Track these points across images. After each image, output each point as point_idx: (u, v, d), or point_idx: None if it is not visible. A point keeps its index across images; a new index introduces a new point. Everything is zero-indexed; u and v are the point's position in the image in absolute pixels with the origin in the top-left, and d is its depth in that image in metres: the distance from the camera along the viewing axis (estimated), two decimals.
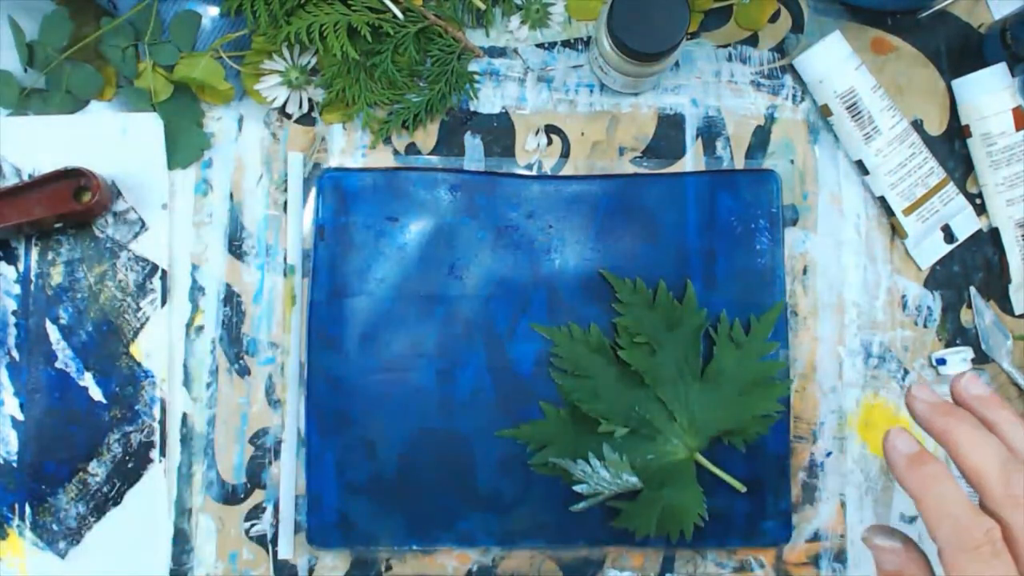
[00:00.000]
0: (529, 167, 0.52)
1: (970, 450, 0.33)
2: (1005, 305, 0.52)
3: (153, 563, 0.49)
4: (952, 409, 0.34)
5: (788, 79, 0.53)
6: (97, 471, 0.49)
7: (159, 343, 0.50)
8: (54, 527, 0.49)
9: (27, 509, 0.49)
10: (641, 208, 0.51)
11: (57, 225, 0.50)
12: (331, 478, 0.49)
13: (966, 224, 0.52)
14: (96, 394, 0.50)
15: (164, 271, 0.50)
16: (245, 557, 0.50)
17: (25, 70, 0.50)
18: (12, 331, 0.50)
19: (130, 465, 0.50)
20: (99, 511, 0.49)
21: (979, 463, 0.32)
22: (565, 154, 0.52)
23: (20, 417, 0.50)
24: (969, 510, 0.31)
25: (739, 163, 0.52)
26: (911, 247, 0.52)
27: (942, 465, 0.33)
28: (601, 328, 0.49)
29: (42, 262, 0.50)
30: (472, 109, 0.52)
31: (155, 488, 0.50)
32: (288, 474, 0.50)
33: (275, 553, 0.50)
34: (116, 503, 0.50)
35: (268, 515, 0.50)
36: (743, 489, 0.48)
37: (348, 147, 0.52)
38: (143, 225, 0.51)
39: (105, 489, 0.50)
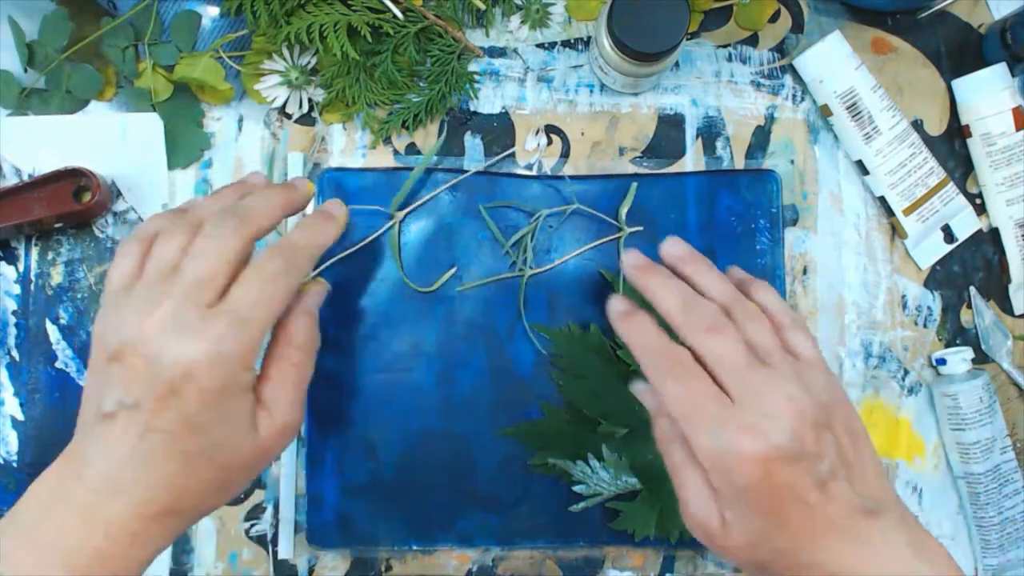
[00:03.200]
0: (529, 167, 0.52)
1: (662, 296, 0.37)
2: (1005, 305, 0.52)
3: (153, 563, 0.49)
4: (651, 268, 0.39)
5: (788, 79, 0.53)
6: None
7: None
8: None
9: None
10: (641, 208, 0.51)
11: (57, 225, 0.50)
12: (331, 478, 0.49)
13: (966, 224, 0.52)
14: None
15: None
16: (245, 557, 0.50)
17: (25, 70, 0.50)
18: (12, 331, 0.50)
19: None
20: None
21: (666, 304, 0.37)
22: (565, 154, 0.52)
23: (20, 417, 0.50)
24: (664, 344, 0.37)
25: (739, 163, 0.52)
26: (911, 247, 0.52)
27: (646, 316, 0.38)
28: (601, 328, 0.49)
29: (42, 262, 0.50)
30: (472, 109, 0.52)
31: None
32: (288, 474, 0.50)
33: (275, 553, 0.50)
34: None
35: (268, 515, 0.50)
36: None
37: (348, 147, 0.52)
38: None
39: None
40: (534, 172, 0.52)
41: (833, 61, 0.50)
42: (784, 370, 0.35)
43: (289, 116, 0.51)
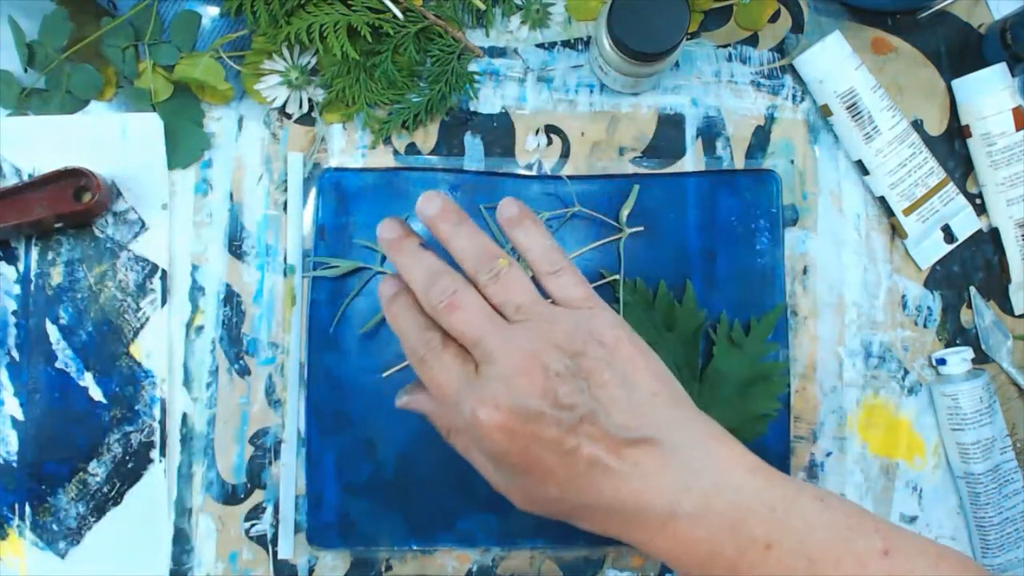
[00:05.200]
0: (529, 167, 0.52)
1: (408, 273, 0.37)
2: (1005, 305, 0.52)
3: (153, 563, 0.49)
4: (400, 241, 0.38)
5: (788, 79, 0.53)
6: (97, 471, 0.49)
7: (159, 343, 0.50)
8: (54, 527, 0.49)
9: (27, 509, 0.49)
10: (641, 208, 0.51)
11: (57, 225, 0.49)
12: (331, 478, 0.49)
13: (966, 224, 0.52)
14: (96, 394, 0.50)
15: (164, 271, 0.50)
16: (245, 557, 0.50)
17: (25, 70, 0.50)
18: (12, 331, 0.50)
19: (130, 465, 0.50)
20: (99, 511, 0.49)
21: (412, 283, 0.36)
22: (565, 154, 0.52)
23: (20, 417, 0.50)
24: (419, 328, 0.36)
25: (739, 163, 0.52)
26: (911, 247, 0.52)
27: (408, 298, 0.37)
28: None
29: (42, 262, 0.50)
30: (472, 109, 0.52)
31: (155, 488, 0.50)
32: (288, 474, 0.50)
33: (275, 553, 0.50)
34: (116, 503, 0.50)
35: (268, 515, 0.50)
36: None
37: (348, 147, 0.52)
38: (143, 225, 0.51)
39: (105, 489, 0.50)
40: (534, 172, 0.52)
41: (833, 61, 0.50)
42: (529, 325, 0.34)
43: (289, 116, 0.51)
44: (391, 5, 0.48)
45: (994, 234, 0.53)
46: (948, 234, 0.52)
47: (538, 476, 0.34)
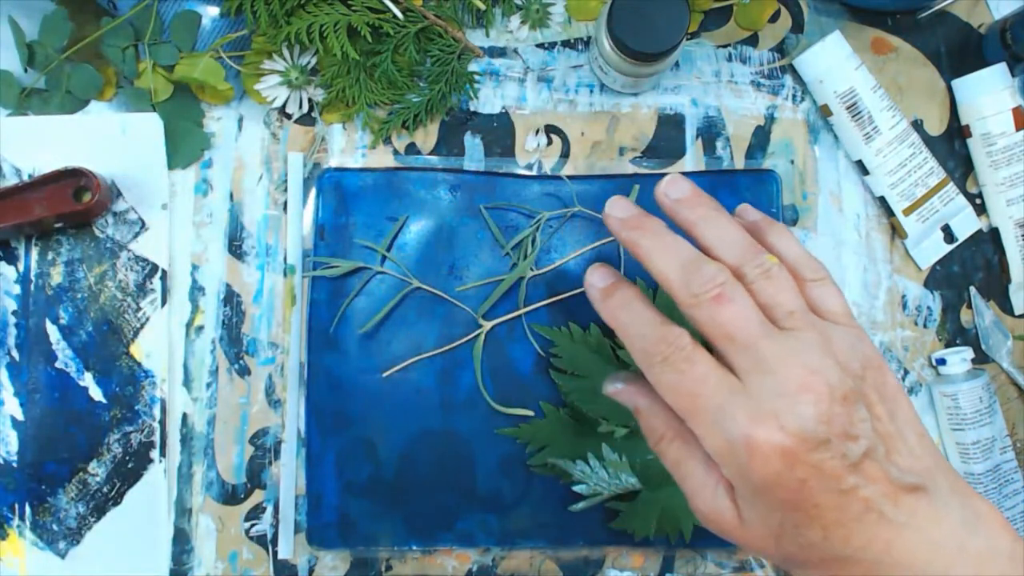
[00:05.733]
0: (529, 167, 0.52)
1: (654, 257, 0.32)
2: (1005, 305, 0.52)
3: (153, 563, 0.49)
4: (641, 220, 0.33)
5: (788, 79, 0.53)
6: (97, 471, 0.50)
7: (159, 343, 0.50)
8: (54, 527, 0.49)
9: (27, 509, 0.49)
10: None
11: (57, 225, 0.50)
12: (331, 478, 0.49)
13: (966, 224, 0.52)
14: (96, 394, 0.50)
15: (164, 271, 0.51)
16: (245, 557, 0.50)
17: (25, 70, 0.50)
18: (12, 331, 0.50)
19: (130, 465, 0.50)
20: (99, 511, 0.49)
21: (661, 269, 0.31)
22: (565, 154, 0.52)
23: (20, 417, 0.50)
24: (656, 325, 0.31)
25: (739, 163, 0.52)
26: (911, 247, 0.52)
27: (632, 289, 0.33)
28: (601, 328, 0.49)
29: (42, 262, 0.50)
30: (472, 109, 0.52)
31: (155, 488, 0.50)
32: (288, 474, 0.50)
33: (275, 553, 0.50)
34: (116, 503, 0.50)
35: (268, 515, 0.50)
36: None
37: (348, 147, 0.52)
38: (143, 225, 0.51)
39: (105, 489, 0.50)
40: (534, 172, 0.52)
41: (833, 61, 0.50)
42: (806, 335, 0.30)
43: (289, 116, 0.51)
44: (391, 5, 0.48)
45: (994, 234, 0.53)
46: (948, 234, 0.52)
47: (803, 515, 0.29)
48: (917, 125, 0.53)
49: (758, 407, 0.28)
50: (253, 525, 0.50)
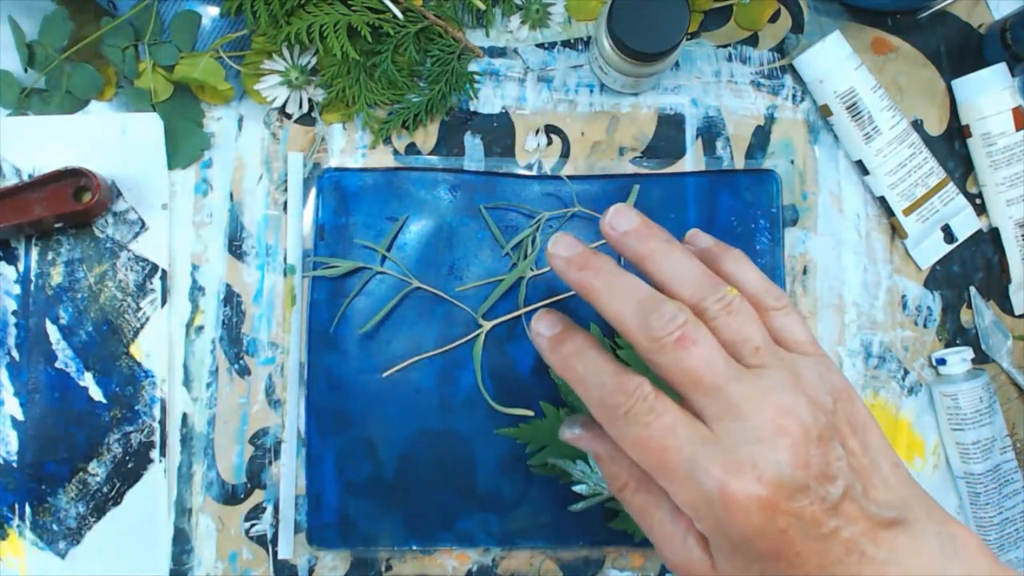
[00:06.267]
0: (529, 167, 0.52)
1: (607, 300, 0.29)
2: (1005, 305, 0.52)
3: (153, 563, 0.49)
4: (588, 258, 0.30)
5: (788, 79, 0.53)
6: (97, 471, 0.50)
7: (159, 343, 0.50)
8: (54, 527, 0.49)
9: (27, 509, 0.49)
10: (641, 208, 0.51)
11: (57, 225, 0.50)
12: (331, 478, 0.49)
13: (966, 224, 0.52)
14: (96, 394, 0.50)
15: (164, 271, 0.51)
16: (245, 557, 0.50)
17: (25, 70, 0.50)
18: (12, 331, 0.50)
19: (130, 465, 0.50)
20: (99, 511, 0.49)
21: (616, 312, 0.29)
22: (565, 154, 0.52)
23: (20, 417, 0.50)
24: (613, 374, 0.29)
25: (739, 163, 0.52)
26: (911, 247, 0.52)
27: (584, 336, 0.31)
28: (601, 328, 0.49)
29: (42, 262, 0.50)
30: (472, 109, 0.52)
31: (155, 488, 0.50)
32: (288, 474, 0.50)
33: (275, 553, 0.50)
34: (116, 503, 0.50)
35: (268, 515, 0.50)
36: None
37: (348, 147, 0.52)
38: (143, 225, 0.51)
39: (105, 489, 0.50)
40: (534, 172, 0.52)
41: (833, 61, 0.50)
42: (775, 372, 0.29)
43: (289, 116, 0.51)
44: (391, 5, 0.48)
45: (994, 234, 0.53)
46: (948, 234, 0.52)
47: (784, 563, 0.27)
48: (917, 125, 0.53)
49: (732, 457, 0.27)
50: (253, 525, 0.50)
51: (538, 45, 0.53)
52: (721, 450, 0.27)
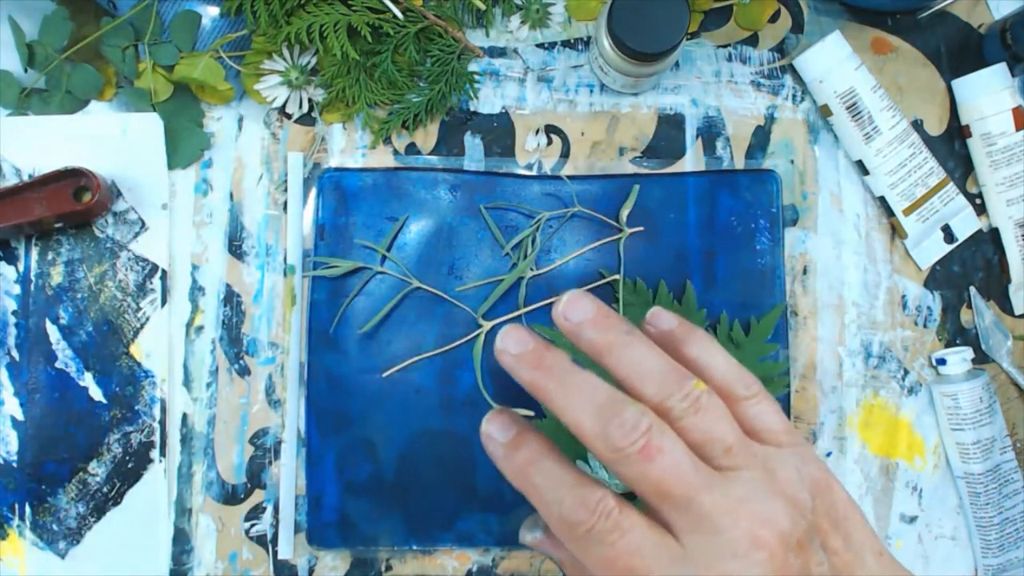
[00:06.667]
0: (529, 167, 0.52)
1: (563, 405, 0.27)
2: (1005, 305, 0.52)
3: (153, 563, 0.49)
4: (540, 356, 0.27)
5: (788, 79, 0.53)
6: (97, 471, 0.50)
7: (159, 343, 0.50)
8: (54, 527, 0.49)
9: (27, 509, 0.49)
10: (641, 208, 0.51)
11: (57, 225, 0.49)
12: (331, 478, 0.49)
13: (966, 224, 0.52)
14: (96, 394, 0.50)
15: (164, 271, 0.51)
16: (245, 557, 0.50)
17: (25, 70, 0.50)
18: (12, 331, 0.50)
19: (130, 465, 0.50)
20: (99, 511, 0.49)
21: (574, 418, 0.26)
22: (565, 154, 0.52)
23: (20, 417, 0.50)
24: (573, 487, 0.27)
25: (739, 163, 0.52)
26: (911, 247, 0.52)
27: (540, 442, 0.28)
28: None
29: (42, 262, 0.50)
30: (472, 109, 0.52)
31: (155, 488, 0.50)
32: (288, 474, 0.50)
33: (275, 553, 0.50)
34: (116, 503, 0.50)
35: (268, 515, 0.50)
36: None
37: (348, 147, 0.52)
38: (143, 225, 0.51)
39: (105, 489, 0.50)
40: (534, 172, 0.52)
41: (833, 61, 0.50)
42: (748, 474, 0.27)
43: (289, 116, 0.51)
44: (391, 5, 0.48)
45: (994, 234, 0.53)
46: (948, 234, 0.52)
47: None
48: (917, 125, 0.53)
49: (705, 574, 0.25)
50: (253, 525, 0.50)
51: (538, 45, 0.53)
52: (694, 569, 0.25)
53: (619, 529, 0.26)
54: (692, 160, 0.52)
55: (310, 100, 0.51)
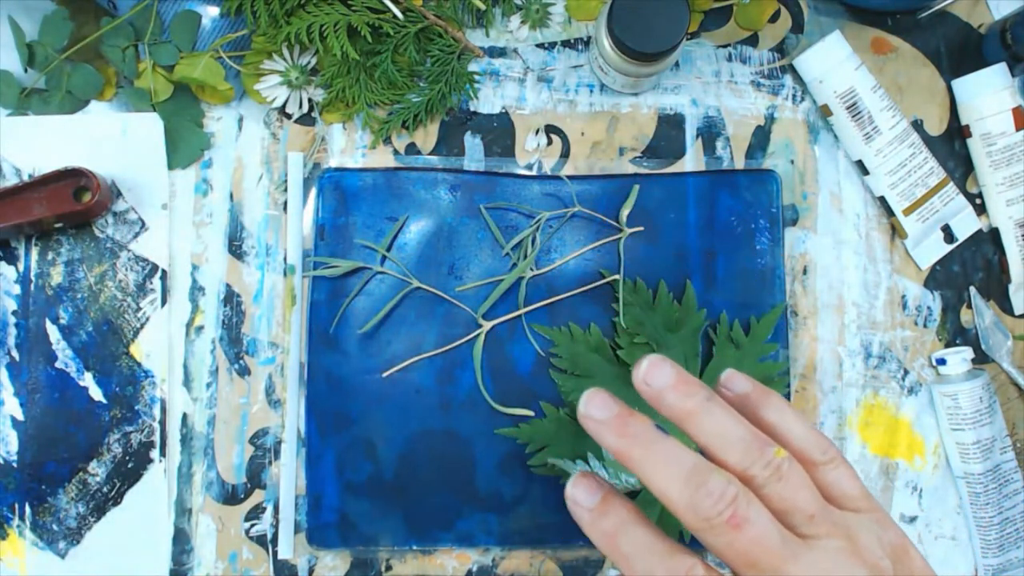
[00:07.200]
0: (529, 167, 0.52)
1: (650, 472, 0.27)
2: (1005, 305, 0.52)
3: (153, 563, 0.49)
4: (626, 423, 0.28)
5: (788, 79, 0.53)
6: (97, 471, 0.50)
7: (159, 343, 0.50)
8: (54, 527, 0.49)
9: (27, 509, 0.49)
10: (641, 208, 0.51)
11: (57, 225, 0.50)
12: (331, 478, 0.49)
13: (966, 224, 0.52)
14: (96, 394, 0.50)
15: (164, 271, 0.51)
16: (245, 557, 0.50)
17: (25, 70, 0.50)
18: (12, 331, 0.50)
19: (130, 465, 0.50)
20: (99, 511, 0.49)
21: (661, 488, 0.27)
22: (565, 154, 0.52)
23: (20, 417, 0.50)
24: (662, 556, 0.27)
25: (739, 163, 0.52)
26: (911, 247, 0.52)
27: (628, 509, 0.28)
28: (601, 328, 0.49)
29: (42, 262, 0.50)
30: (472, 109, 0.52)
31: (155, 488, 0.50)
32: (288, 474, 0.50)
33: (275, 553, 0.50)
34: (116, 503, 0.50)
35: (268, 515, 0.50)
36: None
37: (348, 147, 0.52)
38: (143, 225, 0.51)
39: (105, 489, 0.50)
40: (534, 172, 0.52)
41: (833, 61, 0.50)
42: (831, 543, 0.27)
43: (289, 116, 0.51)
44: (391, 5, 0.48)
45: (994, 234, 0.53)
46: (948, 234, 0.52)
47: None
48: (917, 125, 0.53)
49: None
50: (253, 525, 0.50)
51: (538, 45, 0.53)
52: None
53: None
54: (692, 160, 0.52)
55: (310, 100, 0.51)
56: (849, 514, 0.29)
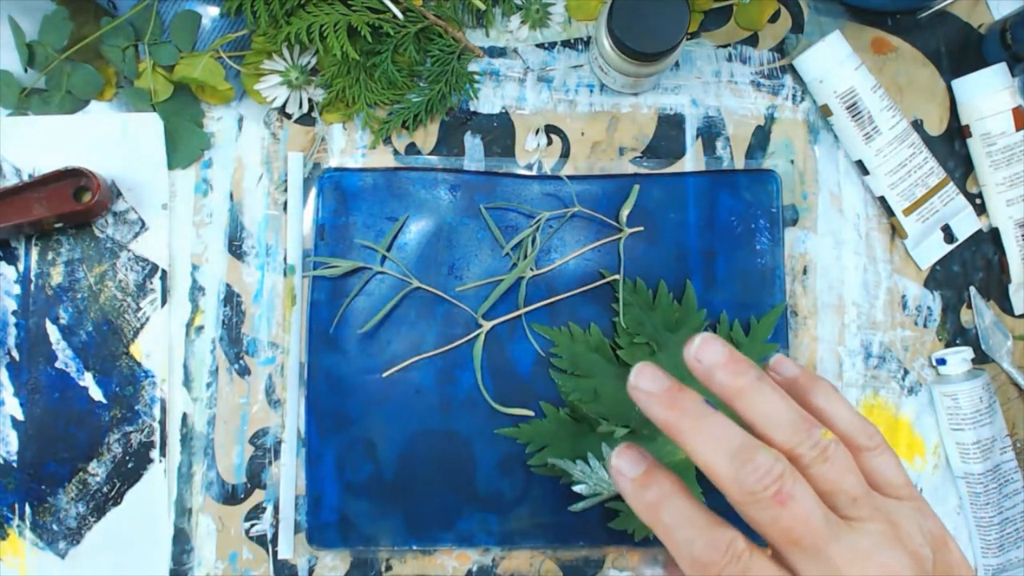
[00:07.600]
0: (529, 167, 0.52)
1: (698, 445, 0.27)
2: (1005, 305, 0.52)
3: (153, 563, 0.49)
4: (675, 397, 0.28)
5: (788, 79, 0.53)
6: (97, 471, 0.50)
7: (159, 343, 0.50)
8: (54, 527, 0.49)
9: (27, 509, 0.49)
10: (641, 208, 0.51)
11: (57, 225, 0.50)
12: (331, 478, 0.49)
13: (966, 224, 0.52)
14: (96, 394, 0.50)
15: (164, 271, 0.51)
16: (245, 557, 0.50)
17: (25, 70, 0.50)
18: (12, 331, 0.50)
19: (130, 465, 0.50)
20: (99, 511, 0.49)
21: (708, 460, 0.27)
22: (565, 154, 0.52)
23: (20, 417, 0.50)
24: (705, 528, 0.27)
25: (739, 163, 0.52)
26: (911, 247, 0.52)
27: (671, 480, 0.29)
28: (601, 328, 0.49)
29: (42, 262, 0.50)
30: (472, 109, 0.52)
31: (155, 488, 0.50)
32: (288, 474, 0.50)
33: (275, 553, 0.50)
34: (116, 503, 0.50)
35: (268, 515, 0.50)
36: None
37: (348, 147, 0.52)
38: (143, 225, 0.51)
39: (105, 489, 0.50)
40: (534, 172, 0.52)
41: (833, 61, 0.50)
42: (874, 527, 0.27)
43: (289, 116, 0.51)
44: (391, 5, 0.48)
45: (994, 234, 0.53)
46: (948, 234, 0.52)
47: None
48: (917, 125, 0.53)
49: None
50: (253, 525, 0.50)
51: (538, 45, 0.53)
52: None
53: (749, 573, 0.26)
54: (692, 160, 0.52)
55: (310, 100, 0.51)
56: (892, 501, 0.29)
